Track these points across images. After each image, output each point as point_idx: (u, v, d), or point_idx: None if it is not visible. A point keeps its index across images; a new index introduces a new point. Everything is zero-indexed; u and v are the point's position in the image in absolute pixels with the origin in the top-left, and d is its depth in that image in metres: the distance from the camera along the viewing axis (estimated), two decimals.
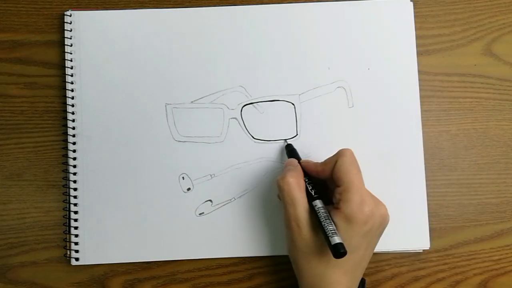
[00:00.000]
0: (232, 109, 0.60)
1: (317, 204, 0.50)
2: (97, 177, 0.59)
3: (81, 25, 0.61)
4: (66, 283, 0.60)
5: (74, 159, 0.59)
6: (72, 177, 0.59)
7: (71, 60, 0.60)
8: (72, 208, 0.59)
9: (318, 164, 0.54)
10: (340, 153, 0.52)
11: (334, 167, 0.51)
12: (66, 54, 0.60)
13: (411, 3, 0.61)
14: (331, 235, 0.47)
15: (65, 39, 0.60)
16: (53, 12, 0.61)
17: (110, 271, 0.60)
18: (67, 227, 0.59)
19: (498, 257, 0.60)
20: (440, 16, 0.62)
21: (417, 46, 0.61)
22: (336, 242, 0.46)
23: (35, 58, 0.61)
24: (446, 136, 0.61)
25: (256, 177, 0.59)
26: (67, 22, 0.60)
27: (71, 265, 0.59)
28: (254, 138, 0.59)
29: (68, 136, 0.59)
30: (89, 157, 0.59)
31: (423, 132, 0.60)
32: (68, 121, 0.59)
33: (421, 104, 0.60)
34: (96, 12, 0.61)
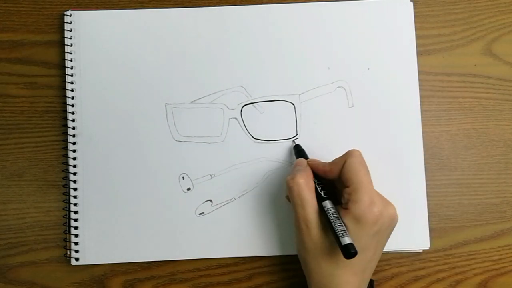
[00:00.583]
0: (232, 109, 0.60)
1: (326, 205, 0.50)
2: (97, 177, 0.59)
3: (81, 25, 0.61)
4: (66, 283, 0.60)
5: (74, 159, 0.59)
6: (72, 177, 0.59)
7: (71, 60, 0.60)
8: (72, 208, 0.59)
9: (326, 164, 0.54)
10: (348, 154, 0.52)
11: (343, 167, 0.51)
12: (66, 54, 0.60)
13: (411, 3, 0.61)
14: (341, 235, 0.47)
15: (65, 39, 0.60)
16: (53, 12, 0.61)
17: (110, 271, 0.60)
18: (67, 227, 0.59)
19: (498, 257, 0.60)
20: (440, 16, 0.62)
21: (417, 46, 0.60)
22: (347, 242, 0.46)
23: (35, 58, 0.61)
24: (446, 136, 0.61)
25: (256, 177, 0.59)
26: (67, 22, 0.60)
27: (71, 265, 0.59)
28: (254, 138, 0.59)
29: (68, 136, 0.59)
30: (89, 157, 0.59)
31: (423, 132, 0.60)
32: (68, 121, 0.59)
33: (421, 104, 0.60)
34: (96, 12, 0.61)
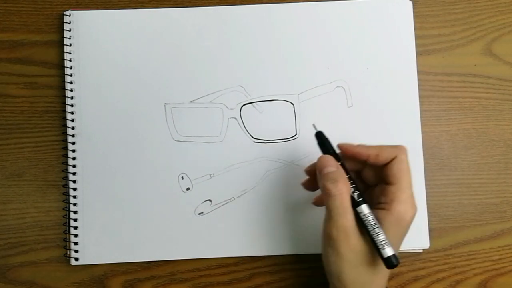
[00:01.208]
0: (231, 109, 0.60)
1: (363, 211, 0.47)
2: (97, 177, 0.59)
3: (80, 25, 0.61)
4: (66, 283, 0.60)
5: (74, 159, 0.59)
6: (71, 177, 0.59)
7: (70, 60, 0.60)
8: (72, 208, 0.59)
9: (370, 148, 0.50)
10: (400, 149, 0.49)
11: (393, 162, 0.48)
12: (65, 54, 0.60)
13: (411, 3, 0.60)
14: (382, 247, 0.45)
15: (65, 39, 0.60)
16: (53, 12, 0.62)
17: (110, 271, 0.60)
18: (67, 227, 0.59)
19: (498, 257, 0.60)
20: (440, 16, 0.62)
21: (416, 46, 0.60)
22: (389, 254, 0.45)
23: (35, 58, 0.61)
24: (446, 136, 0.61)
25: (256, 176, 0.59)
26: (66, 22, 0.60)
27: (71, 265, 0.59)
28: (253, 137, 0.59)
29: (68, 136, 0.59)
30: (88, 157, 0.59)
31: (423, 132, 0.60)
32: (67, 121, 0.59)
33: (420, 104, 0.60)
34: (96, 12, 0.61)
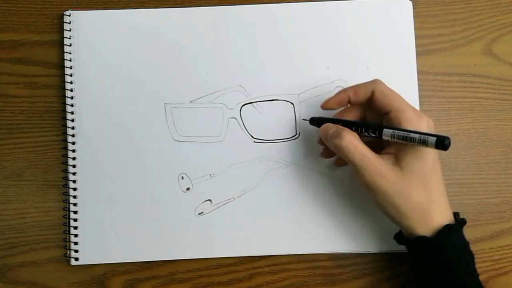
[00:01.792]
0: (231, 109, 0.60)
1: (387, 133, 0.49)
2: (97, 177, 0.59)
3: (80, 25, 0.61)
4: (66, 283, 0.60)
5: (74, 159, 0.59)
6: (71, 177, 0.59)
7: (70, 60, 0.60)
8: (72, 208, 0.59)
9: (346, 89, 0.53)
10: (375, 83, 0.52)
11: (374, 96, 0.51)
12: (65, 54, 0.60)
13: (410, 3, 0.60)
14: (425, 136, 0.45)
15: (65, 39, 0.60)
16: (53, 12, 0.62)
17: (110, 271, 0.60)
18: (67, 227, 0.59)
19: (498, 257, 0.60)
20: (440, 16, 0.62)
21: (416, 46, 0.61)
22: (436, 136, 0.45)
23: (35, 58, 0.61)
24: None
25: (256, 176, 0.59)
26: (66, 22, 0.60)
27: (71, 265, 0.59)
28: (253, 137, 0.59)
29: (68, 136, 0.59)
30: (88, 157, 0.59)
31: None
32: (67, 121, 0.59)
33: (421, 104, 0.60)
34: (96, 12, 0.61)
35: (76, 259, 0.59)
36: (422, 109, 0.60)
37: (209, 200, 0.59)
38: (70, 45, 0.60)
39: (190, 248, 0.59)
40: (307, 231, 0.59)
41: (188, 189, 0.59)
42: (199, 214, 0.59)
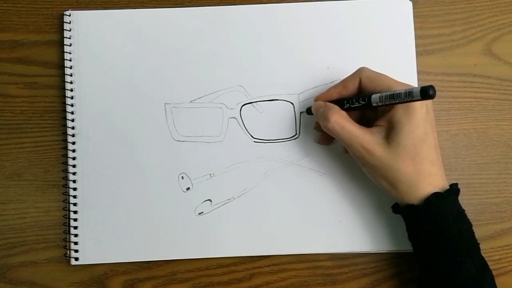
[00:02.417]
0: (232, 109, 0.60)
1: (374, 97, 0.50)
2: (97, 177, 0.59)
3: (80, 25, 0.61)
4: (66, 283, 0.60)
5: (74, 159, 0.59)
6: (71, 177, 0.59)
7: (70, 60, 0.60)
8: (72, 208, 0.59)
9: (336, 85, 0.55)
10: (360, 71, 0.54)
11: (361, 82, 0.53)
12: (65, 54, 0.60)
13: (410, 3, 0.61)
14: (410, 89, 0.47)
15: (65, 39, 0.60)
16: (53, 12, 0.62)
17: (110, 271, 0.60)
18: (67, 227, 0.59)
19: (498, 257, 0.60)
20: (440, 16, 0.62)
21: (416, 46, 0.61)
22: (420, 87, 0.46)
23: (35, 58, 0.61)
24: (446, 136, 0.61)
25: (256, 176, 0.59)
26: (66, 22, 0.60)
27: (71, 265, 0.59)
28: (253, 137, 0.59)
29: (68, 136, 0.59)
30: (88, 157, 0.59)
31: None
32: (67, 121, 0.59)
33: None
34: (96, 12, 0.61)
35: (76, 259, 0.59)
36: None
37: (209, 200, 0.59)
38: (70, 45, 0.60)
39: (190, 248, 0.59)
40: (307, 231, 0.59)
41: (188, 189, 0.59)
42: (199, 214, 0.59)
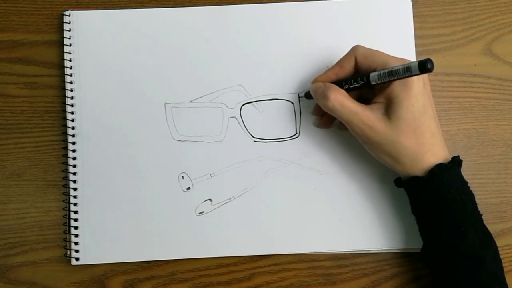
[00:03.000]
0: (232, 108, 0.60)
1: (373, 76, 0.50)
2: (97, 177, 0.59)
3: (80, 25, 0.61)
4: (66, 283, 0.60)
5: (74, 159, 0.59)
6: (71, 177, 0.59)
7: (70, 60, 0.60)
8: (72, 208, 0.59)
9: (333, 67, 0.55)
10: (354, 49, 0.54)
11: (357, 61, 0.53)
12: (65, 54, 0.60)
13: (410, 3, 0.61)
14: (408, 65, 0.47)
15: (65, 39, 0.60)
16: (53, 12, 0.62)
17: (110, 271, 0.60)
18: (67, 227, 0.59)
19: None
20: (440, 16, 0.62)
21: (416, 46, 0.61)
22: (418, 61, 0.46)
23: (35, 58, 0.61)
24: (446, 136, 0.60)
25: (256, 176, 0.59)
26: (66, 22, 0.60)
27: (71, 265, 0.59)
28: (253, 137, 0.59)
29: (68, 136, 0.59)
30: (88, 157, 0.59)
31: None
32: (67, 121, 0.59)
33: None
34: (95, 12, 0.61)
35: (77, 259, 0.59)
36: None
37: (209, 200, 0.59)
38: (70, 45, 0.60)
39: (190, 248, 0.59)
40: (307, 230, 0.59)
41: (188, 188, 0.59)
42: (200, 213, 0.59)
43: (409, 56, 0.60)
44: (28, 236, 0.60)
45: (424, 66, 0.45)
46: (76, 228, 0.59)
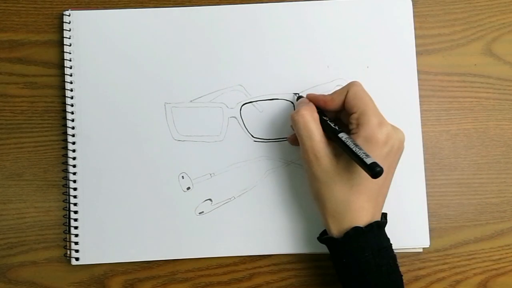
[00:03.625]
0: (232, 108, 0.60)
1: (343, 136, 0.49)
2: (97, 176, 0.59)
3: (80, 24, 0.61)
4: (66, 283, 0.60)
5: (74, 159, 0.59)
6: (71, 177, 0.59)
7: (70, 60, 0.60)
8: (72, 208, 0.59)
9: (326, 95, 0.54)
10: (351, 84, 0.53)
11: (346, 96, 0.52)
12: (65, 54, 0.60)
13: (410, 2, 0.60)
14: (365, 157, 0.46)
15: (64, 39, 0.60)
16: (53, 12, 0.62)
17: (110, 270, 0.60)
18: (67, 227, 0.59)
19: (498, 257, 0.60)
20: (440, 16, 0.62)
21: (416, 46, 0.61)
22: (372, 161, 0.45)
23: (35, 58, 0.61)
24: (446, 136, 0.61)
25: (256, 176, 0.59)
26: (66, 22, 0.60)
27: (71, 265, 0.59)
28: (253, 137, 0.59)
29: (68, 136, 0.59)
30: (88, 157, 0.59)
31: (423, 132, 0.60)
32: (67, 121, 0.59)
33: (421, 104, 0.60)
34: (95, 11, 0.61)
35: (77, 259, 0.59)
36: (422, 109, 0.60)
37: (210, 200, 0.59)
38: (70, 45, 0.60)
39: (190, 248, 0.59)
40: (307, 230, 0.59)
41: (188, 188, 0.59)
42: (200, 213, 0.59)
43: (409, 56, 0.60)
44: (28, 236, 0.60)
45: (372, 169, 0.45)
46: (76, 228, 0.59)
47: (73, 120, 0.60)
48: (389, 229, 0.52)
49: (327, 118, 0.53)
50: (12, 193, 0.60)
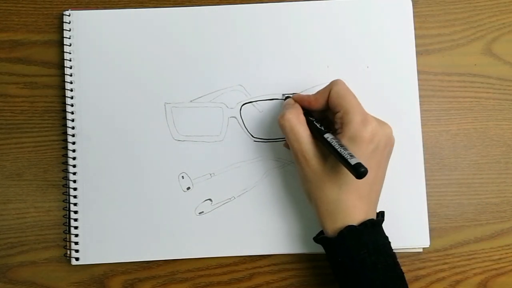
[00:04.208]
0: (231, 108, 0.60)
1: (328, 136, 0.50)
2: (97, 176, 0.59)
3: (80, 24, 0.61)
4: (66, 283, 0.60)
5: (74, 158, 0.59)
6: (72, 177, 0.59)
7: (70, 60, 0.60)
8: (72, 207, 0.59)
9: (310, 95, 0.54)
10: (333, 83, 0.53)
11: (329, 95, 0.52)
12: (65, 54, 0.60)
13: (410, 2, 0.60)
14: (349, 157, 0.46)
15: (64, 39, 0.60)
16: (53, 12, 0.62)
17: (110, 270, 0.60)
18: (67, 227, 0.59)
19: (498, 257, 0.60)
20: (440, 16, 0.62)
21: (416, 46, 0.60)
22: (356, 162, 0.46)
23: (35, 58, 0.61)
24: (446, 136, 0.61)
25: (256, 176, 0.59)
26: (66, 22, 0.60)
27: (71, 265, 0.59)
28: (253, 136, 0.59)
29: (68, 136, 0.59)
30: (88, 156, 0.59)
31: (423, 132, 0.60)
32: (67, 121, 0.59)
33: (421, 104, 0.60)
34: (95, 11, 0.61)
35: (77, 259, 0.59)
36: (422, 109, 0.60)
37: (209, 200, 0.59)
38: (70, 45, 0.60)
39: (190, 248, 0.59)
40: (307, 230, 0.59)
41: (188, 188, 0.59)
42: (200, 213, 0.59)
43: (409, 56, 0.60)
44: (28, 236, 0.60)
45: (356, 169, 0.45)
46: (76, 228, 0.59)
47: (73, 120, 0.60)
48: (389, 229, 0.52)
49: (313, 119, 0.53)
50: (12, 193, 0.60)
